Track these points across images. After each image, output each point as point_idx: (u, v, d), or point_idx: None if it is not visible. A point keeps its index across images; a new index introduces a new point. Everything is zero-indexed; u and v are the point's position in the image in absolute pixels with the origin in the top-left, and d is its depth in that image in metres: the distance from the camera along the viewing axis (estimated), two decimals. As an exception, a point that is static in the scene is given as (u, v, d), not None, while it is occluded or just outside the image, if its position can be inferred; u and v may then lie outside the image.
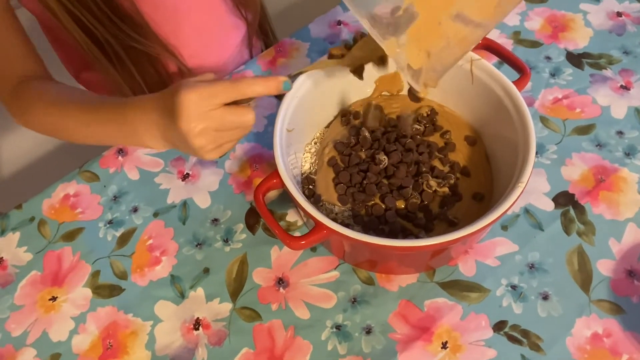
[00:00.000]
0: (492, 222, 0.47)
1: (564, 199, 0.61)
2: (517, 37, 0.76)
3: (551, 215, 0.60)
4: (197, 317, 0.57)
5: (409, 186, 0.56)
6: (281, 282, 0.58)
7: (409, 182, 0.57)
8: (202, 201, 0.64)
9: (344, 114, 0.64)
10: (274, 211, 0.63)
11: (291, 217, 0.62)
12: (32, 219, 0.64)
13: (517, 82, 0.57)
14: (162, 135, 0.51)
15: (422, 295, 0.56)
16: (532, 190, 0.61)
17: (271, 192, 0.63)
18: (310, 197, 0.58)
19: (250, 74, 0.75)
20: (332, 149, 0.61)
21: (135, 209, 0.64)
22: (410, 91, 0.51)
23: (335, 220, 0.55)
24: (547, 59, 0.73)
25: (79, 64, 0.74)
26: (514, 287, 0.56)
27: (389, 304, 0.56)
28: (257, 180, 0.65)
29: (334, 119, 0.65)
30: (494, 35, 0.76)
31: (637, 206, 0.60)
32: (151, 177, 0.67)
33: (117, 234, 0.63)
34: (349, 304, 0.56)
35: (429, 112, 0.63)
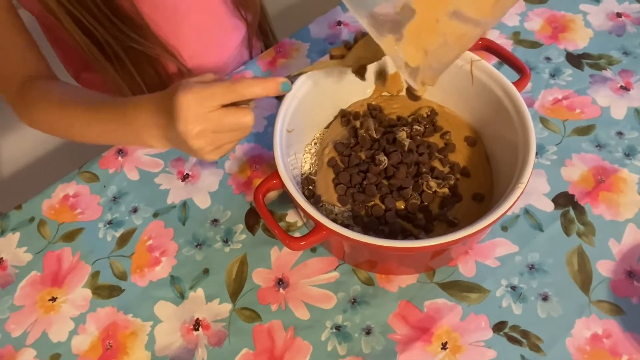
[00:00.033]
0: (492, 223, 0.47)
1: (563, 200, 0.61)
2: (517, 37, 0.76)
3: (551, 216, 0.60)
4: (197, 318, 0.57)
5: (409, 187, 0.56)
6: (281, 282, 0.58)
7: (408, 182, 0.56)
8: (202, 202, 0.64)
9: (343, 114, 0.64)
10: (274, 212, 0.63)
11: (291, 217, 0.62)
12: (31, 219, 0.64)
13: (517, 83, 0.57)
14: (163, 135, 0.51)
15: (422, 295, 0.56)
16: (532, 191, 0.61)
17: (271, 193, 0.62)
18: (310, 198, 0.58)
19: (250, 74, 0.75)
20: (332, 149, 0.61)
21: (135, 210, 0.64)
22: (408, 90, 0.51)
23: (335, 220, 0.55)
24: (547, 59, 0.73)
25: (78, 64, 0.74)
26: (513, 287, 0.56)
27: (389, 305, 0.56)
28: (257, 180, 0.65)
29: (334, 120, 0.65)
30: (494, 35, 0.76)
31: (637, 207, 0.60)
32: (151, 177, 0.67)
33: (117, 234, 0.63)
34: (348, 305, 0.56)
35: (429, 113, 0.63)
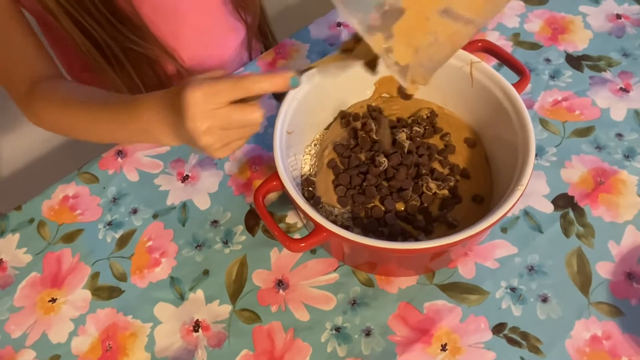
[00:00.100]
0: (492, 225, 0.47)
1: (563, 201, 0.61)
2: (517, 39, 0.76)
3: (550, 217, 0.60)
4: (197, 319, 0.57)
5: (409, 188, 0.56)
6: (281, 284, 0.58)
7: (408, 184, 0.57)
8: (202, 203, 0.64)
9: (343, 115, 0.64)
10: (274, 213, 0.63)
11: (291, 218, 0.62)
12: (31, 220, 0.64)
13: (517, 85, 0.57)
14: (172, 131, 0.50)
15: (422, 297, 0.56)
16: (531, 192, 0.61)
17: (271, 194, 0.62)
18: (309, 199, 0.58)
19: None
20: (331, 150, 0.61)
21: (134, 211, 0.64)
22: (399, 89, 0.51)
23: (334, 222, 0.55)
24: (547, 61, 0.73)
25: (78, 65, 0.74)
26: (513, 289, 0.56)
27: (389, 306, 0.56)
28: (256, 182, 0.65)
29: (334, 121, 0.65)
30: (494, 37, 0.76)
31: (636, 208, 0.60)
32: (150, 178, 0.67)
33: (117, 235, 0.63)
34: (348, 306, 0.56)
35: (429, 114, 0.63)
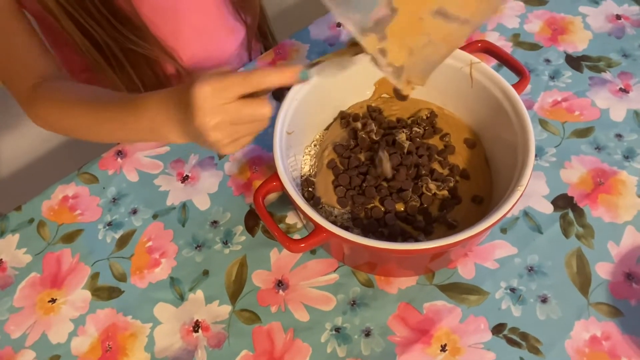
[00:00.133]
0: (492, 226, 0.47)
1: (563, 202, 0.61)
2: (517, 39, 0.76)
3: (550, 218, 0.60)
4: (197, 320, 0.57)
5: (409, 189, 0.56)
6: (280, 284, 0.58)
7: (408, 184, 0.57)
8: (202, 203, 0.64)
9: (343, 116, 0.64)
10: (274, 213, 0.63)
11: (291, 219, 0.62)
12: (31, 220, 0.64)
13: (517, 85, 0.57)
14: (180, 128, 0.50)
15: (422, 297, 0.56)
16: (531, 193, 0.61)
17: (271, 194, 0.62)
18: (309, 200, 0.58)
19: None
20: (331, 151, 0.61)
21: (134, 211, 0.64)
22: (395, 89, 0.50)
23: (334, 222, 0.55)
24: (547, 61, 0.73)
25: (77, 66, 0.74)
26: (513, 289, 0.56)
27: (388, 307, 0.56)
28: (256, 182, 0.65)
29: (333, 121, 0.65)
30: (494, 37, 0.76)
31: (636, 209, 0.60)
32: (150, 179, 0.67)
33: (117, 235, 0.63)
34: (348, 307, 0.56)
35: (429, 115, 0.63)
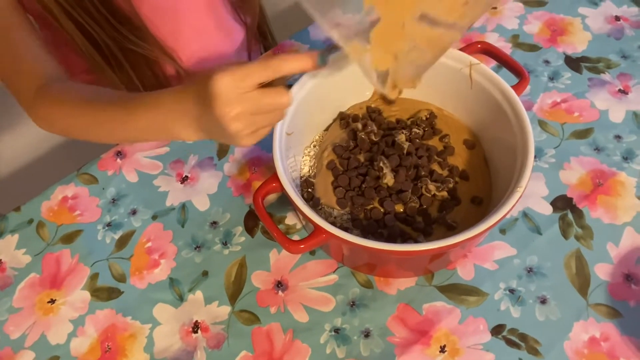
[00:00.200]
0: (491, 227, 0.47)
1: (562, 203, 0.61)
2: (516, 40, 0.76)
3: (549, 219, 0.60)
4: (196, 320, 0.57)
5: (408, 190, 0.56)
6: (280, 285, 0.58)
7: (407, 186, 0.57)
8: (201, 204, 0.64)
9: (342, 117, 0.64)
10: (273, 214, 0.63)
11: (290, 220, 0.62)
12: (30, 221, 0.64)
13: (516, 87, 0.57)
14: (196, 124, 0.49)
15: (421, 298, 0.56)
16: (530, 194, 0.62)
17: (270, 195, 0.62)
18: (309, 201, 0.58)
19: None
20: (331, 152, 0.61)
21: (134, 212, 0.64)
22: (382, 94, 0.50)
23: (334, 223, 0.55)
24: (546, 62, 0.73)
25: (77, 66, 0.74)
26: (512, 290, 0.56)
27: (388, 308, 0.56)
28: (256, 183, 0.65)
29: (333, 122, 0.65)
30: (493, 38, 0.76)
31: (635, 210, 0.60)
32: (150, 179, 0.67)
33: (116, 236, 0.63)
34: (347, 308, 0.56)
35: (428, 116, 0.63)
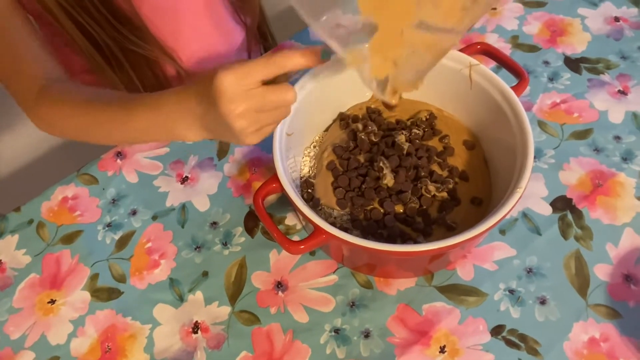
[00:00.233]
0: (491, 227, 0.48)
1: (561, 204, 0.61)
2: (516, 41, 0.76)
3: (549, 219, 0.60)
4: (196, 321, 0.57)
5: (408, 191, 0.56)
6: (280, 285, 0.58)
7: (407, 186, 0.57)
8: (201, 204, 0.64)
9: (342, 117, 0.64)
10: (273, 215, 0.63)
11: (290, 220, 0.62)
12: (30, 221, 0.64)
13: (516, 87, 0.57)
14: (199, 123, 0.49)
15: (421, 299, 0.56)
16: (530, 194, 0.62)
17: (270, 196, 0.62)
18: (309, 201, 0.58)
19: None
20: (331, 152, 0.61)
21: (134, 212, 0.64)
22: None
23: (334, 224, 0.55)
24: (545, 63, 0.73)
25: (77, 66, 0.74)
26: (511, 291, 0.56)
27: (388, 308, 0.56)
28: (256, 183, 0.65)
29: (333, 123, 0.65)
30: (493, 39, 0.76)
31: (634, 211, 0.60)
32: (150, 180, 0.67)
33: (116, 237, 0.63)
34: (347, 308, 0.56)
35: (428, 117, 0.63)
